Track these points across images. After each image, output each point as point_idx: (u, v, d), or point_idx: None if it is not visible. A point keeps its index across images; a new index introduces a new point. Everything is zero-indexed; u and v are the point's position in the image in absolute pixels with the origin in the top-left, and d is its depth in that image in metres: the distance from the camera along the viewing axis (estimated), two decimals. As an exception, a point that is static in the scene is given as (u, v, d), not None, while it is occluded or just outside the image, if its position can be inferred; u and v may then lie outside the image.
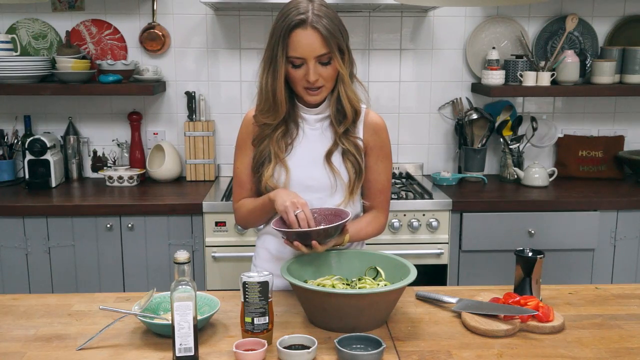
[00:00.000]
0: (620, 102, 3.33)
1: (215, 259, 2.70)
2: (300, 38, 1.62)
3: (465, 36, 3.22)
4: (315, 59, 1.64)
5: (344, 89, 1.71)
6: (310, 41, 1.62)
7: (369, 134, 1.79)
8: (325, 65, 1.66)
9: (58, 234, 2.71)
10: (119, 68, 2.99)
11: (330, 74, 1.67)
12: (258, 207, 1.76)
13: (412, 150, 3.33)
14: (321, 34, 1.62)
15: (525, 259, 1.66)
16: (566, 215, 2.80)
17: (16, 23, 3.10)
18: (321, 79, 1.66)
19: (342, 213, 1.67)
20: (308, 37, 1.62)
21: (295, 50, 1.63)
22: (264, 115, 1.74)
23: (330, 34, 1.63)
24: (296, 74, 1.66)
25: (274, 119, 1.73)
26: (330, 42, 1.63)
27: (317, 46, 1.62)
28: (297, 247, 1.61)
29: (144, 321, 1.50)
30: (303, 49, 1.63)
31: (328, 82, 1.69)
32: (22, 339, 1.50)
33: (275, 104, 1.70)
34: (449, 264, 2.79)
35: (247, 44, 3.17)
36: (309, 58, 1.63)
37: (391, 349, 1.45)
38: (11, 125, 3.15)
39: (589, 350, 1.45)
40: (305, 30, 1.62)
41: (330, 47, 1.63)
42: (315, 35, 1.62)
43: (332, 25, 1.64)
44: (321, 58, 1.64)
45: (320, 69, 1.65)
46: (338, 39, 1.65)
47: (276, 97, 1.69)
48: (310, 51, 1.63)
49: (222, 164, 3.26)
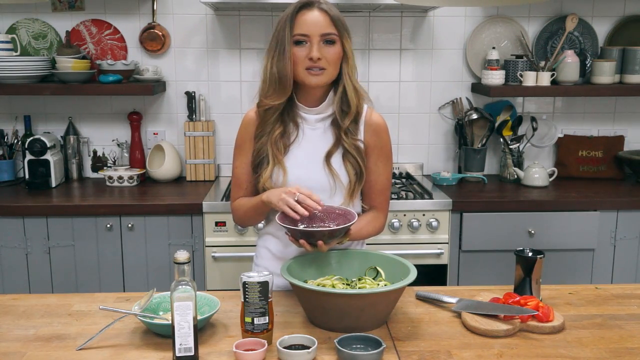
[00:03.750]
0: (620, 102, 3.33)
1: (215, 259, 2.70)
2: (307, 17, 1.65)
3: (465, 36, 3.22)
4: (320, 38, 1.64)
5: (350, 79, 1.70)
6: (317, 19, 1.64)
7: (370, 134, 1.78)
8: (330, 45, 1.65)
9: (58, 234, 2.71)
10: (119, 68, 2.99)
11: (334, 56, 1.66)
12: (252, 208, 1.77)
13: (412, 150, 3.33)
14: (329, 14, 1.65)
15: (525, 259, 1.66)
16: (566, 215, 2.80)
17: (16, 23, 3.10)
18: (324, 60, 1.65)
19: (349, 214, 1.66)
20: (314, 16, 1.65)
21: (301, 27, 1.64)
22: (268, 97, 1.71)
23: (337, 17, 1.66)
24: (299, 52, 1.65)
25: (280, 98, 1.70)
26: (337, 24, 1.65)
27: (323, 24, 1.64)
28: (303, 244, 1.60)
29: (144, 321, 1.50)
30: (308, 26, 1.64)
31: (330, 66, 1.67)
32: (22, 339, 1.50)
33: (282, 83, 1.67)
34: (449, 264, 2.79)
35: (247, 44, 3.17)
36: (313, 35, 1.64)
37: (391, 349, 1.45)
38: (11, 125, 3.15)
39: (589, 350, 1.45)
40: (312, 11, 1.65)
41: (337, 28, 1.65)
42: (322, 15, 1.65)
43: (339, 14, 1.67)
44: (327, 37, 1.64)
45: (324, 49, 1.65)
46: (345, 26, 1.67)
47: (283, 76, 1.66)
48: (316, 28, 1.63)
49: (222, 164, 3.26)
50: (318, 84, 1.69)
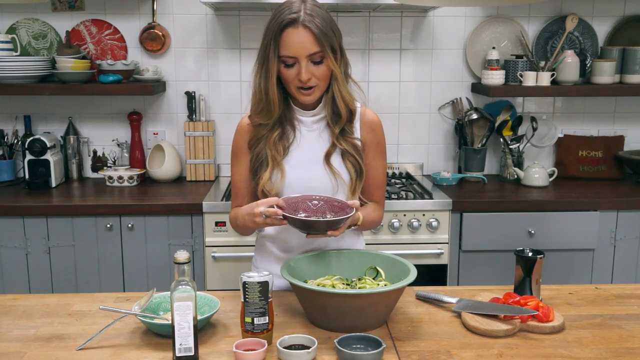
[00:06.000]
0: (620, 102, 3.33)
1: (215, 259, 2.70)
2: (292, 37, 1.62)
3: (465, 36, 3.22)
4: (307, 58, 1.63)
5: (339, 88, 1.70)
6: (302, 40, 1.61)
7: (366, 131, 1.80)
8: (318, 65, 1.65)
9: (58, 234, 2.71)
10: (119, 68, 2.99)
11: (323, 73, 1.66)
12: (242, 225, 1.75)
13: (412, 150, 3.33)
14: (313, 32, 1.61)
15: (525, 259, 1.66)
16: (566, 215, 2.80)
17: (16, 23, 3.10)
18: (314, 79, 1.66)
19: (347, 207, 1.67)
20: (300, 35, 1.61)
21: (287, 49, 1.63)
22: (258, 115, 1.74)
23: (322, 32, 1.62)
24: (289, 73, 1.66)
25: (267, 119, 1.72)
26: (322, 40, 1.62)
27: (308, 44, 1.62)
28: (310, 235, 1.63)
29: (144, 321, 1.50)
30: (294, 48, 1.62)
31: (321, 82, 1.68)
32: (22, 339, 1.50)
33: (268, 103, 1.70)
34: (449, 264, 2.79)
35: (247, 44, 3.17)
36: (300, 57, 1.63)
37: (391, 349, 1.45)
38: (11, 125, 3.15)
39: (589, 350, 1.45)
40: (297, 29, 1.61)
41: (322, 46, 1.62)
42: (307, 34, 1.61)
43: (324, 24, 1.63)
44: (313, 57, 1.63)
45: (312, 68, 1.65)
46: (330, 38, 1.64)
47: (269, 97, 1.69)
48: (302, 50, 1.62)
49: (222, 164, 3.25)
50: (310, 102, 1.72)
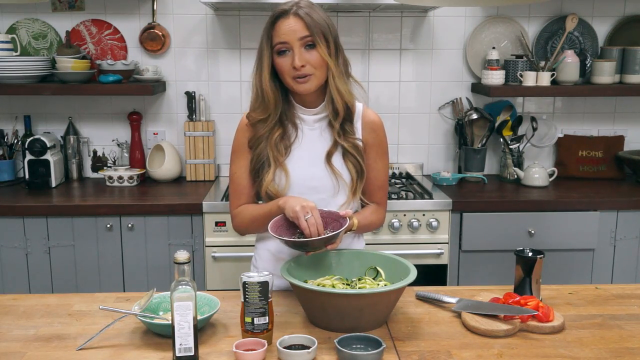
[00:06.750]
0: (620, 102, 3.33)
1: (215, 259, 2.70)
2: (283, 25, 1.65)
3: (465, 36, 3.22)
4: (299, 43, 1.64)
5: (335, 82, 1.69)
6: (292, 26, 1.64)
7: (368, 131, 1.79)
8: (310, 50, 1.65)
9: (58, 234, 2.71)
10: (119, 68, 2.99)
11: (317, 60, 1.66)
12: (263, 215, 1.71)
13: (412, 150, 3.33)
14: (303, 19, 1.64)
15: (525, 259, 1.66)
16: (566, 215, 2.80)
17: (16, 23, 3.10)
18: (308, 66, 1.65)
19: (340, 218, 1.65)
20: (290, 23, 1.64)
21: (279, 36, 1.65)
22: (255, 111, 1.74)
23: (313, 20, 1.64)
24: (283, 62, 1.66)
25: (264, 114, 1.72)
26: (313, 27, 1.64)
27: (298, 29, 1.63)
28: None
29: (144, 321, 1.50)
30: (285, 34, 1.64)
31: (317, 70, 1.67)
32: (22, 339, 1.50)
33: (264, 97, 1.70)
34: (449, 264, 2.79)
35: (247, 44, 3.17)
36: (292, 42, 1.64)
37: (391, 349, 1.45)
38: (11, 125, 3.15)
39: (589, 350, 1.45)
40: (288, 18, 1.65)
41: (312, 32, 1.64)
42: (297, 21, 1.64)
43: (316, 15, 1.66)
44: (305, 40, 1.64)
45: (306, 55, 1.65)
46: (322, 27, 1.65)
47: (263, 90, 1.70)
48: (292, 33, 1.63)
49: (222, 164, 3.25)
50: (307, 91, 1.69)
